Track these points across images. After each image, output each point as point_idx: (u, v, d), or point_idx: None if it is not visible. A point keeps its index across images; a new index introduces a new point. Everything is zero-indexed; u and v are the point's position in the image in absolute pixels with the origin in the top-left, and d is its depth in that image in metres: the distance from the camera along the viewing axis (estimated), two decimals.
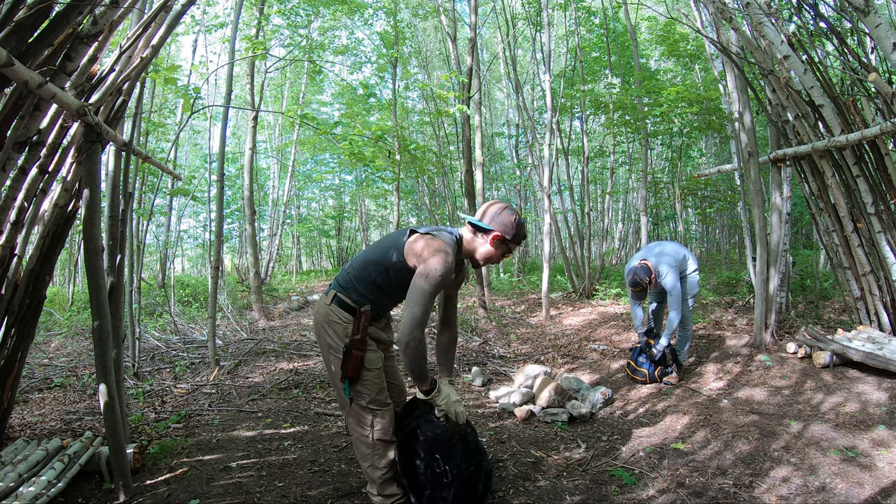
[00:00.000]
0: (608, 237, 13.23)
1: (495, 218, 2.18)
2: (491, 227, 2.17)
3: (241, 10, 6.32)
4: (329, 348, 2.16)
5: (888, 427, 2.94)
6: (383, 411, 2.18)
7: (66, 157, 2.65)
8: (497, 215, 2.19)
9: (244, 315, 8.00)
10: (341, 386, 2.13)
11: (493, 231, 2.17)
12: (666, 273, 3.92)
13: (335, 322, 2.14)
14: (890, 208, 3.81)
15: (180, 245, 14.20)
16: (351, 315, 2.13)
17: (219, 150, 5.48)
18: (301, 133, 13.11)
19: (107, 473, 2.60)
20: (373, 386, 2.14)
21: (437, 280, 1.99)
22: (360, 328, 2.10)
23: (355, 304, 2.13)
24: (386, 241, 2.23)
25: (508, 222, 2.17)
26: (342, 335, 2.12)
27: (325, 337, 2.16)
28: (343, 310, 2.13)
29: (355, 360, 2.08)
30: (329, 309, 2.15)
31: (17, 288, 2.72)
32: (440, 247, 2.04)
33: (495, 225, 2.17)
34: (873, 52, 4.40)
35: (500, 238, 2.18)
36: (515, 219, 2.20)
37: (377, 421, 2.16)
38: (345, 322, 2.13)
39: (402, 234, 2.18)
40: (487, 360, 5.07)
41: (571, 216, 9.49)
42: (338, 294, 2.16)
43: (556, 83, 9.18)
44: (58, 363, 5.20)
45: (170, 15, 2.61)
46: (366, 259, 2.20)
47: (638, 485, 2.55)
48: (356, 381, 2.11)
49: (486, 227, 2.18)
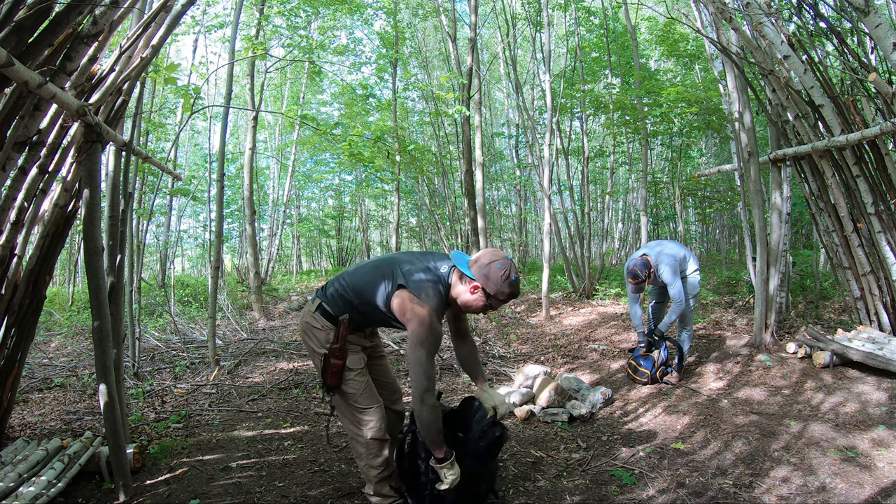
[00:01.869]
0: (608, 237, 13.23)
1: (482, 268, 2.06)
2: (473, 275, 2.06)
3: (241, 10, 6.32)
4: (313, 352, 2.24)
5: (888, 427, 2.94)
6: (372, 409, 2.20)
7: (66, 157, 2.65)
8: (485, 266, 2.06)
9: (244, 315, 8.00)
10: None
11: (473, 280, 2.07)
12: (664, 269, 3.94)
13: (317, 328, 2.20)
14: (890, 208, 3.81)
15: (180, 245, 14.19)
16: (331, 324, 2.18)
17: (219, 150, 5.48)
18: (301, 133, 13.11)
19: (107, 473, 2.60)
20: (357, 385, 2.19)
21: (430, 344, 2.01)
22: (340, 337, 2.15)
23: (335, 315, 2.19)
24: (376, 279, 2.15)
25: (495, 277, 2.03)
26: (323, 341, 2.18)
27: (309, 342, 2.24)
28: (324, 318, 2.19)
29: (333, 368, 2.13)
30: (312, 316, 2.22)
31: (17, 288, 2.72)
32: (423, 317, 1.99)
33: (478, 275, 2.05)
34: (873, 52, 4.40)
35: (479, 288, 2.06)
36: (504, 274, 2.04)
37: (367, 419, 2.19)
38: (326, 329, 2.18)
39: (391, 281, 2.10)
40: (487, 360, 5.07)
41: (571, 216, 9.48)
42: (322, 304, 2.21)
43: (556, 83, 9.17)
44: (58, 363, 5.20)
45: (170, 15, 2.61)
46: (355, 287, 2.19)
47: (638, 485, 2.55)
48: (335, 388, 2.17)
49: (469, 274, 2.07)
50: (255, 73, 8.64)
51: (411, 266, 2.13)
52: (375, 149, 7.59)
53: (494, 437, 2.25)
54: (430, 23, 12.39)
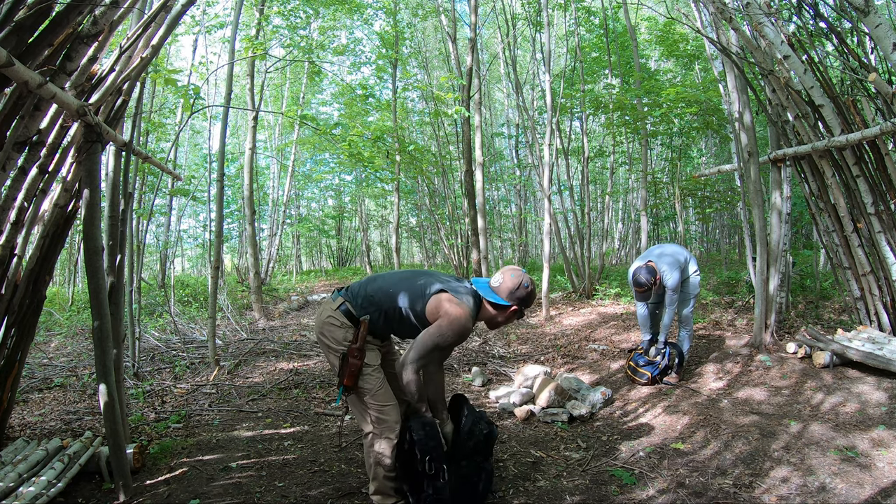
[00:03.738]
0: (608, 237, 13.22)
1: (513, 293, 2.22)
2: (507, 302, 2.22)
3: (241, 10, 6.31)
4: (329, 349, 2.24)
5: (888, 427, 2.94)
6: (389, 407, 2.21)
7: (66, 157, 2.65)
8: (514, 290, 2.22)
9: (244, 315, 7.99)
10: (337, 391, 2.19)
11: (508, 306, 2.24)
12: (668, 273, 3.94)
13: (335, 326, 2.20)
14: (890, 208, 3.81)
15: (180, 245, 14.19)
16: (352, 323, 2.20)
17: (219, 150, 5.48)
18: (301, 133, 13.11)
19: (107, 473, 2.60)
20: (374, 381, 2.20)
21: (448, 343, 2.14)
22: (360, 337, 2.17)
23: (357, 315, 2.21)
24: (413, 286, 2.23)
25: (523, 293, 2.24)
26: (340, 339, 2.19)
27: (324, 338, 2.24)
28: (345, 317, 2.21)
29: (352, 369, 2.14)
30: (333, 313, 2.22)
31: (17, 288, 2.72)
32: (458, 315, 2.12)
33: (512, 299, 2.23)
34: (873, 52, 4.40)
35: (516, 309, 2.26)
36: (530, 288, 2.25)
37: (383, 417, 2.19)
38: (345, 327, 2.19)
39: (429, 286, 2.20)
40: (487, 360, 5.07)
41: (571, 216, 9.48)
42: (346, 302, 2.23)
43: (556, 83, 9.17)
44: (58, 363, 5.20)
45: (170, 15, 2.61)
46: (389, 290, 2.23)
47: (638, 485, 2.55)
48: (351, 389, 2.17)
49: (503, 303, 2.22)
50: (255, 73, 8.63)
51: (451, 279, 2.29)
52: (375, 149, 7.59)
53: (483, 434, 2.25)
54: (430, 23, 12.39)
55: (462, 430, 2.27)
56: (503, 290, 2.22)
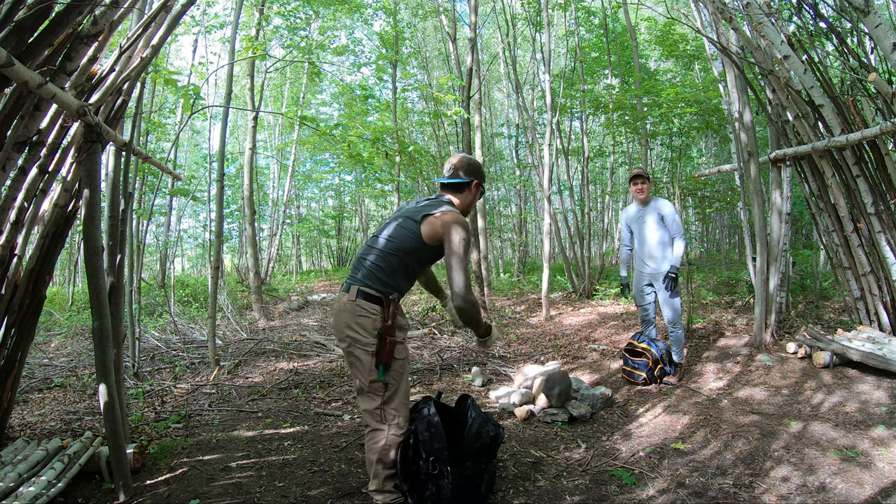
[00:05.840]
0: (608, 237, 13.24)
1: (470, 168, 2.40)
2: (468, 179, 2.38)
3: (241, 10, 6.32)
4: (354, 343, 2.16)
5: (888, 427, 2.94)
6: (403, 406, 2.21)
7: (66, 157, 2.65)
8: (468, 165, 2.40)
9: (244, 315, 8.00)
10: (375, 373, 2.13)
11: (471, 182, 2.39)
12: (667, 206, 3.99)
13: (364, 316, 2.15)
14: (890, 208, 3.81)
15: (180, 245, 14.20)
16: (378, 305, 2.17)
17: (219, 150, 5.48)
18: (301, 133, 13.12)
19: (107, 473, 2.60)
20: (397, 376, 2.19)
21: (467, 243, 2.19)
22: (391, 314, 2.16)
23: (381, 294, 2.17)
24: (398, 230, 2.25)
25: (477, 165, 2.44)
26: (371, 329, 2.14)
27: (352, 333, 2.16)
28: (370, 301, 2.16)
29: (389, 346, 2.13)
30: (355, 304, 2.16)
31: (17, 288, 2.72)
32: (454, 219, 2.20)
33: (472, 175, 2.39)
34: (873, 52, 4.40)
35: (477, 183, 2.42)
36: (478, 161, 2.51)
37: (395, 414, 2.18)
38: (374, 314, 2.15)
39: (415, 217, 2.23)
40: (487, 360, 5.07)
41: (571, 216, 9.49)
42: (361, 289, 2.18)
43: (555, 83, 9.18)
44: (58, 363, 5.20)
45: (170, 15, 2.61)
46: (384, 250, 2.23)
47: (638, 485, 2.55)
48: (389, 366, 2.15)
49: (464, 181, 2.38)
50: (255, 73, 8.64)
51: (421, 201, 2.40)
52: (374, 149, 7.59)
53: (489, 436, 2.26)
54: (430, 23, 12.40)
55: (469, 432, 2.26)
56: (458, 173, 2.38)
